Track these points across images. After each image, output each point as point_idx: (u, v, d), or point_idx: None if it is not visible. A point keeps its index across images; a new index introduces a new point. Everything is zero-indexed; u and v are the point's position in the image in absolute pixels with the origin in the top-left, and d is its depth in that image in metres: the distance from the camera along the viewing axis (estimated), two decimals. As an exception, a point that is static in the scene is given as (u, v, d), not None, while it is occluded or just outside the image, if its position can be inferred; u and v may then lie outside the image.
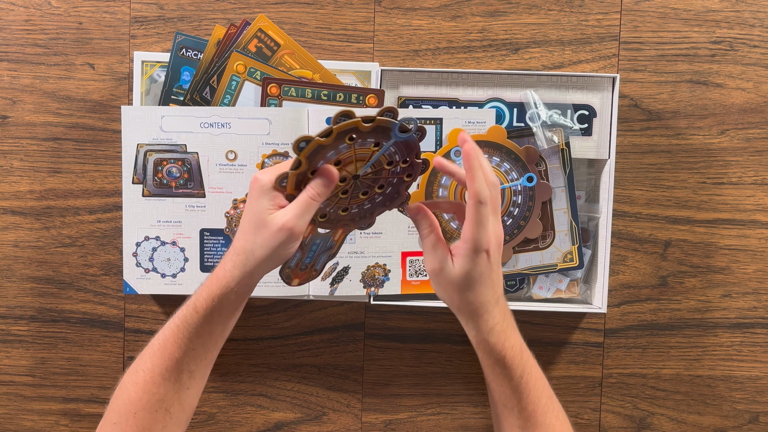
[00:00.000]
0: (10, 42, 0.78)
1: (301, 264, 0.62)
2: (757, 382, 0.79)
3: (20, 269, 0.79)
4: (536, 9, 0.78)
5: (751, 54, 0.78)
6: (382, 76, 0.74)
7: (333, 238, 0.62)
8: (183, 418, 0.58)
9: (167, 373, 0.56)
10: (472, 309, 0.56)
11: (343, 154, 0.53)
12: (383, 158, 0.56)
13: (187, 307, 0.56)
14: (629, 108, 0.78)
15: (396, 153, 0.56)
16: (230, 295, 0.56)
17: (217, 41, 0.73)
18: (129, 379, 0.57)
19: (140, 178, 0.71)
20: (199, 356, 0.57)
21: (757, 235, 0.78)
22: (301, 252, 0.61)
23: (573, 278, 0.77)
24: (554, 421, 0.58)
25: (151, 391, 0.55)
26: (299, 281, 0.63)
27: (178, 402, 0.57)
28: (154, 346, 0.57)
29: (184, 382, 0.57)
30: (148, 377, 0.56)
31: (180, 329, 0.56)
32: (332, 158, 0.53)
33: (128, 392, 0.56)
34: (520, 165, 0.72)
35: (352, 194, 0.57)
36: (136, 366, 0.57)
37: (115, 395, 0.57)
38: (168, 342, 0.56)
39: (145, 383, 0.56)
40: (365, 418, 0.80)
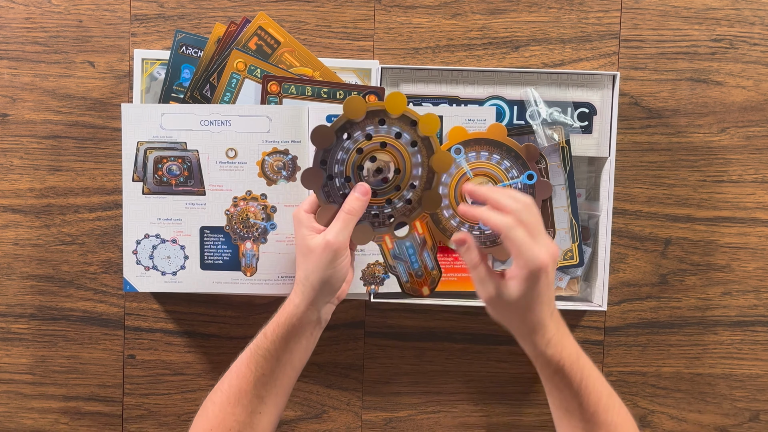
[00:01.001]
0: (10, 40, 0.78)
1: (414, 272, 0.65)
2: (758, 380, 0.79)
3: (20, 267, 0.79)
4: (536, 7, 0.77)
5: (751, 52, 0.78)
6: (383, 74, 0.74)
7: (418, 233, 0.65)
8: None
9: (240, 394, 0.59)
10: (530, 327, 0.57)
11: (363, 143, 0.57)
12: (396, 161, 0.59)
13: (259, 334, 0.61)
14: (629, 106, 0.78)
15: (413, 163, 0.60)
16: (294, 322, 0.60)
17: (217, 39, 0.73)
18: (209, 398, 0.61)
19: (140, 176, 0.71)
20: (268, 382, 0.60)
21: (757, 233, 0.78)
22: (402, 261, 0.65)
23: (573, 276, 0.77)
24: (616, 418, 0.58)
25: (225, 410, 0.59)
26: (428, 288, 0.66)
27: (250, 426, 0.59)
28: (232, 368, 0.61)
29: (255, 406, 0.60)
30: (224, 397, 0.59)
31: (252, 353, 0.60)
32: (352, 148, 0.56)
33: (207, 410, 0.60)
34: (520, 163, 0.72)
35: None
36: (218, 386, 0.61)
37: (198, 412, 0.61)
38: (242, 365, 0.60)
39: (221, 403, 0.59)
40: (365, 416, 0.80)
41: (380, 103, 0.56)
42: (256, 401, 0.60)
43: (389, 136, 0.58)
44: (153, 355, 0.79)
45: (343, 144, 0.56)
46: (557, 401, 0.59)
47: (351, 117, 0.54)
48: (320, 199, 0.57)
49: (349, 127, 0.55)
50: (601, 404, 0.58)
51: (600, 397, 0.58)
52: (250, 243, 0.72)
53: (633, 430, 0.59)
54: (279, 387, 0.61)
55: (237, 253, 0.72)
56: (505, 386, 0.80)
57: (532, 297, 0.55)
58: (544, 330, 0.57)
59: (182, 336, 0.79)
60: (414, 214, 0.63)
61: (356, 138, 0.57)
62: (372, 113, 0.56)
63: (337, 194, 0.59)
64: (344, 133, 0.55)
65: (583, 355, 0.59)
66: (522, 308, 0.56)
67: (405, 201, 0.62)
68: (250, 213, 0.71)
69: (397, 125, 0.58)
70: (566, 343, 0.58)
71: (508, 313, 0.58)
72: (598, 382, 0.59)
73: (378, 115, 0.56)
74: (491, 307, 0.59)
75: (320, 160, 0.56)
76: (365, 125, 0.56)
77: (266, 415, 0.60)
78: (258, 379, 0.59)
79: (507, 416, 0.80)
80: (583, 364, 0.58)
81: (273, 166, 0.71)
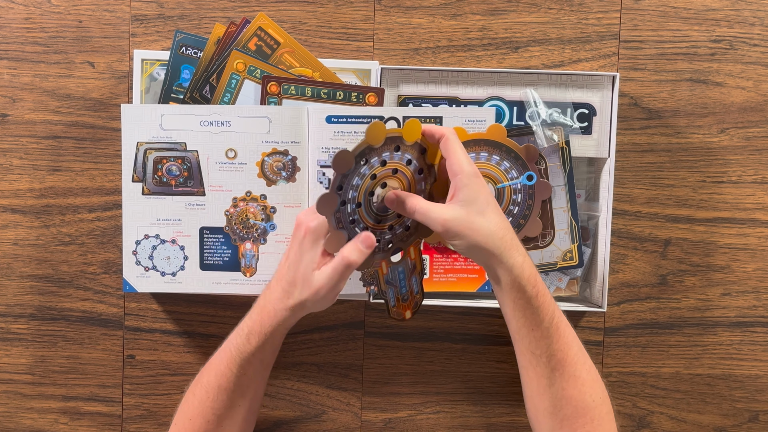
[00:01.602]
0: (10, 40, 0.78)
1: (401, 296, 0.66)
2: (757, 381, 0.79)
3: (20, 267, 0.79)
4: (536, 7, 0.77)
5: (751, 53, 0.78)
6: (382, 75, 0.74)
7: (410, 258, 0.65)
8: (236, 430, 0.64)
9: (219, 390, 0.61)
10: (497, 239, 0.55)
11: (377, 169, 0.58)
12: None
13: (239, 335, 0.62)
14: (629, 107, 0.78)
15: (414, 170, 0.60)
16: (280, 329, 0.62)
17: (217, 39, 0.73)
18: (191, 390, 0.64)
19: (140, 177, 0.71)
20: (249, 379, 0.62)
21: (756, 234, 0.78)
22: (393, 287, 0.65)
23: (573, 277, 0.77)
24: (584, 374, 0.57)
25: (205, 404, 0.62)
26: (410, 311, 0.67)
27: (230, 417, 0.62)
28: (212, 364, 0.63)
29: (234, 400, 0.62)
30: (203, 392, 0.62)
31: (233, 356, 0.61)
32: (366, 173, 0.57)
33: (188, 401, 0.63)
34: (519, 163, 0.72)
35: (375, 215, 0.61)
36: (199, 379, 0.63)
37: (181, 402, 0.64)
38: (222, 364, 0.62)
39: (201, 397, 0.62)
40: (365, 416, 0.80)
41: (398, 130, 0.56)
42: (234, 396, 0.62)
43: (402, 163, 0.59)
44: (153, 356, 0.79)
45: (360, 169, 0.56)
46: (525, 342, 0.57)
47: (372, 143, 0.54)
48: (331, 225, 0.57)
49: (368, 153, 0.55)
50: (571, 353, 0.56)
51: (570, 345, 0.57)
52: (249, 243, 0.72)
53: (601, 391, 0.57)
54: (258, 382, 0.64)
55: (237, 253, 0.72)
56: (504, 386, 0.80)
57: (479, 200, 0.56)
58: (514, 245, 0.56)
59: (182, 336, 0.79)
60: (410, 240, 0.64)
61: (372, 163, 0.57)
62: (390, 139, 0.56)
63: (347, 220, 0.58)
64: (363, 158, 0.55)
65: (552, 297, 0.58)
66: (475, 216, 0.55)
67: (404, 227, 0.63)
68: (249, 213, 0.71)
69: (410, 152, 0.58)
70: (538, 273, 0.57)
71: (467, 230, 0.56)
72: (569, 331, 0.58)
73: (395, 142, 0.57)
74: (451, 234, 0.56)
75: (338, 185, 0.55)
76: (382, 151, 0.56)
77: (243, 408, 0.63)
78: (239, 378, 0.61)
79: (506, 416, 0.80)
80: (556, 306, 0.57)
81: (273, 167, 0.71)
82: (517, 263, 0.56)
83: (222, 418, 0.62)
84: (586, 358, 0.58)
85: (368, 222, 0.60)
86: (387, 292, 0.65)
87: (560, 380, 0.56)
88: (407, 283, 0.66)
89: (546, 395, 0.57)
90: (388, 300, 0.65)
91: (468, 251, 0.57)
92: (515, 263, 0.56)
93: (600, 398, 0.58)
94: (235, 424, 0.63)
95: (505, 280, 0.57)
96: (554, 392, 0.57)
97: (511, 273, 0.56)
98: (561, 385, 0.57)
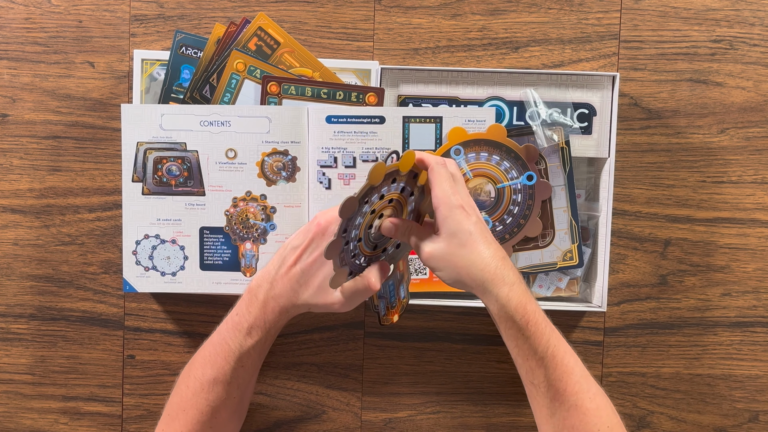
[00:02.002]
0: (10, 40, 0.78)
1: (390, 304, 0.67)
2: (757, 381, 0.79)
3: (20, 267, 0.79)
4: (536, 7, 0.77)
5: (751, 53, 0.78)
6: (382, 75, 0.74)
7: (399, 270, 0.66)
8: (230, 423, 0.64)
9: (214, 383, 0.61)
10: (480, 271, 0.54)
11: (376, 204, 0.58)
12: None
13: (239, 331, 0.62)
14: (629, 107, 0.78)
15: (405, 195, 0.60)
16: (282, 322, 0.62)
17: (217, 39, 0.73)
18: (183, 383, 0.63)
19: (140, 177, 0.71)
20: (246, 371, 0.63)
21: (757, 234, 0.78)
22: (384, 299, 0.66)
23: (573, 277, 0.77)
24: (587, 404, 0.54)
25: (200, 395, 0.61)
26: (398, 315, 0.68)
27: (224, 408, 0.62)
28: (207, 356, 0.63)
29: (230, 393, 0.62)
30: (198, 384, 0.62)
31: (232, 350, 0.61)
32: (368, 210, 0.57)
33: (181, 393, 0.63)
34: (519, 163, 0.72)
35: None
36: (192, 370, 0.63)
37: (172, 393, 0.64)
38: (219, 357, 0.62)
39: (194, 389, 0.62)
40: (365, 416, 0.80)
41: (395, 165, 0.56)
42: (231, 387, 0.62)
43: (397, 192, 0.59)
44: (153, 356, 0.79)
45: (362, 209, 0.56)
46: (523, 371, 0.56)
47: (374, 183, 0.54)
48: (335, 265, 0.57)
49: (369, 193, 0.55)
50: (571, 382, 0.54)
51: (569, 373, 0.54)
52: (249, 243, 0.72)
53: (608, 419, 0.54)
54: (253, 373, 0.65)
55: (237, 253, 0.72)
56: (504, 387, 0.80)
57: (461, 232, 0.55)
58: (500, 274, 0.54)
59: (182, 336, 0.79)
60: (400, 256, 0.65)
61: (373, 201, 0.56)
62: (388, 175, 0.56)
63: (349, 257, 0.58)
64: (366, 198, 0.55)
65: (552, 325, 0.56)
66: (457, 249, 0.55)
67: (395, 246, 0.63)
68: (249, 213, 0.71)
69: (403, 181, 0.58)
70: (530, 300, 0.55)
71: (450, 262, 0.55)
72: (569, 357, 0.55)
73: (392, 176, 0.56)
74: (436, 265, 0.56)
75: (343, 229, 0.55)
76: (381, 187, 0.56)
77: (236, 398, 0.63)
78: (236, 371, 0.61)
79: (506, 417, 0.80)
80: (551, 331, 0.55)
81: (273, 167, 0.71)
82: (502, 294, 0.54)
83: (216, 410, 0.62)
84: (590, 385, 0.55)
85: (366, 252, 0.60)
86: (378, 305, 0.66)
87: (561, 410, 0.54)
88: (396, 292, 0.67)
89: (549, 425, 0.56)
90: (380, 311, 0.66)
91: (453, 284, 0.57)
92: (500, 294, 0.54)
93: (606, 427, 0.54)
94: (228, 413, 0.64)
95: (492, 311, 0.56)
96: (555, 422, 0.55)
97: (496, 304, 0.55)
98: (562, 415, 0.54)
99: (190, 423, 0.61)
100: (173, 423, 0.62)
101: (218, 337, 0.63)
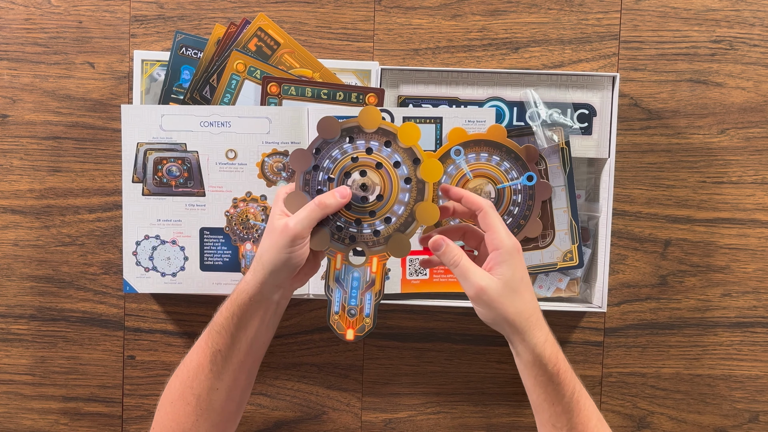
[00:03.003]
0: (10, 41, 0.78)
1: (347, 307, 0.61)
2: (757, 381, 0.79)
3: (20, 268, 0.79)
4: (536, 8, 0.77)
5: (751, 53, 0.78)
6: (382, 75, 0.74)
7: (371, 271, 0.60)
8: (214, 418, 0.62)
9: (198, 369, 0.60)
10: (524, 319, 0.56)
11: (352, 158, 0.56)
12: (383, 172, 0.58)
13: (217, 310, 0.61)
14: (629, 107, 0.78)
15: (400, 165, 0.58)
16: (244, 299, 0.59)
17: (217, 40, 0.73)
18: (175, 373, 0.63)
19: (140, 177, 0.71)
20: (224, 357, 0.60)
21: (757, 234, 0.78)
22: (341, 289, 0.60)
23: (573, 277, 0.77)
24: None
25: (185, 384, 0.61)
26: (353, 332, 0.60)
27: (207, 401, 0.61)
28: (195, 343, 0.62)
29: (212, 382, 0.60)
30: (185, 371, 0.61)
31: (210, 329, 0.61)
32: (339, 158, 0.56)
33: (171, 384, 0.62)
34: (519, 164, 0.72)
35: (359, 208, 0.59)
36: (183, 359, 0.63)
37: (166, 385, 0.63)
38: (201, 340, 0.61)
39: (182, 377, 0.61)
40: (365, 417, 0.80)
41: (394, 126, 0.55)
42: (212, 376, 0.60)
43: (389, 160, 0.58)
44: (153, 356, 0.79)
45: (344, 145, 0.56)
46: (546, 415, 0.58)
47: (363, 125, 0.53)
48: (297, 184, 0.56)
49: (356, 133, 0.55)
50: (590, 425, 0.57)
51: (590, 417, 0.58)
52: (249, 244, 0.72)
53: None
54: (235, 364, 0.61)
55: (237, 254, 0.72)
56: (504, 387, 0.80)
57: (516, 279, 0.56)
58: (540, 323, 0.57)
59: (182, 337, 0.79)
60: (376, 249, 0.59)
61: (358, 146, 0.56)
62: (383, 131, 0.55)
63: (315, 186, 0.58)
64: (350, 135, 0.55)
65: (571, 370, 0.59)
66: (510, 294, 0.56)
67: (373, 231, 0.59)
68: (249, 214, 0.71)
69: (401, 154, 0.57)
70: (560, 350, 0.58)
71: (499, 304, 0.56)
72: (589, 403, 0.59)
73: (387, 136, 0.56)
74: (480, 303, 0.57)
75: (315, 148, 0.55)
76: (372, 138, 0.55)
77: (223, 392, 0.61)
78: (214, 354, 0.60)
79: (506, 417, 0.80)
80: (576, 378, 0.58)
81: (273, 168, 0.71)
82: (539, 342, 0.57)
83: (202, 401, 0.60)
84: (604, 427, 0.59)
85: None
86: (333, 291, 0.60)
87: None
88: (359, 295, 0.60)
89: None
90: (332, 301, 0.60)
91: (494, 323, 0.58)
92: (538, 342, 0.57)
93: None
94: (215, 409, 0.61)
95: (526, 357, 0.58)
96: None
97: (533, 351, 0.57)
98: None
99: (177, 415, 0.61)
100: (161, 416, 0.62)
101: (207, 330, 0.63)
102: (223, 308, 0.60)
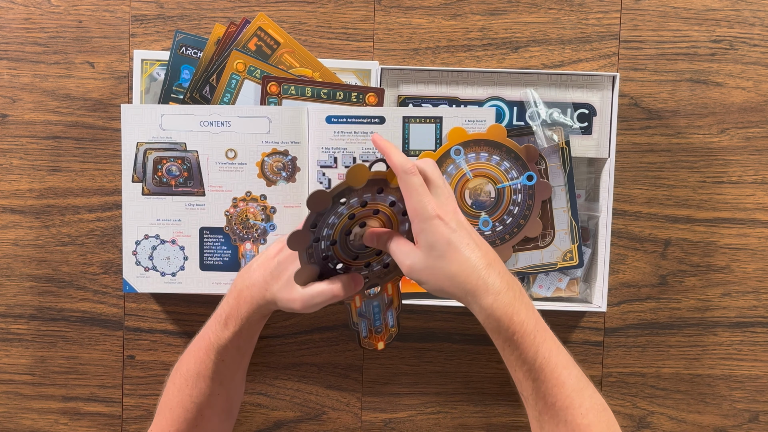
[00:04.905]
0: (10, 40, 0.78)
1: (374, 328, 0.66)
2: (757, 381, 0.79)
3: (20, 268, 0.79)
4: (536, 8, 0.77)
5: (751, 53, 0.78)
6: (382, 75, 0.74)
7: (387, 294, 0.65)
8: (216, 423, 0.64)
9: (198, 378, 0.61)
10: (462, 282, 0.52)
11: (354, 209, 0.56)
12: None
13: (218, 321, 0.62)
14: (629, 107, 0.78)
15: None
16: (256, 317, 0.61)
17: (217, 39, 0.73)
18: (171, 380, 0.64)
19: (140, 177, 0.71)
20: (227, 367, 0.62)
21: (757, 234, 0.78)
22: (366, 320, 0.65)
23: (573, 277, 0.77)
24: (579, 419, 0.50)
25: (183, 392, 0.62)
26: (383, 343, 0.67)
27: (209, 406, 0.62)
28: (191, 351, 0.63)
29: (213, 389, 0.62)
30: (182, 380, 0.62)
31: (212, 342, 0.61)
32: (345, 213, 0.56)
33: (168, 391, 0.63)
34: (519, 164, 0.72)
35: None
36: (178, 367, 0.64)
37: (162, 393, 0.64)
38: (200, 351, 0.62)
39: (180, 385, 0.62)
40: (365, 417, 0.80)
41: (382, 173, 0.54)
42: (213, 384, 0.62)
43: (384, 204, 0.57)
44: (153, 356, 0.79)
45: (338, 209, 0.54)
46: (515, 383, 0.54)
47: (352, 185, 0.52)
48: (302, 260, 0.56)
49: (347, 194, 0.53)
50: (562, 396, 0.51)
51: (560, 386, 0.51)
52: (249, 244, 0.72)
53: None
54: (237, 371, 0.64)
55: (236, 254, 0.72)
56: (504, 387, 0.80)
57: (439, 244, 0.52)
58: (483, 283, 0.51)
59: (182, 337, 0.79)
60: (388, 277, 0.63)
61: (351, 204, 0.55)
62: (373, 182, 0.54)
63: (319, 256, 0.57)
64: (342, 198, 0.53)
65: (546, 333, 0.53)
66: (436, 260, 0.52)
67: (383, 265, 0.62)
68: (249, 214, 0.71)
69: (394, 194, 0.57)
70: (520, 308, 0.52)
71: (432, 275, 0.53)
72: (560, 369, 0.52)
73: (378, 184, 0.55)
74: (419, 278, 0.54)
75: (312, 223, 0.53)
76: (363, 192, 0.54)
77: (222, 396, 0.63)
78: (217, 365, 0.61)
79: (506, 417, 0.80)
80: (541, 341, 0.52)
81: (272, 167, 0.71)
82: (485, 304, 0.52)
83: (201, 407, 0.61)
84: (583, 400, 0.51)
85: (343, 258, 0.59)
86: (359, 324, 0.65)
87: (549, 424, 0.52)
88: (382, 316, 0.65)
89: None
90: (360, 331, 0.65)
91: (438, 294, 0.55)
92: (484, 304, 0.52)
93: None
94: (215, 414, 0.63)
95: (480, 320, 0.54)
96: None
97: (481, 314, 0.53)
98: (551, 429, 0.52)
99: (176, 422, 0.61)
100: (160, 421, 0.63)
101: (203, 331, 0.63)
102: (228, 322, 0.61)
